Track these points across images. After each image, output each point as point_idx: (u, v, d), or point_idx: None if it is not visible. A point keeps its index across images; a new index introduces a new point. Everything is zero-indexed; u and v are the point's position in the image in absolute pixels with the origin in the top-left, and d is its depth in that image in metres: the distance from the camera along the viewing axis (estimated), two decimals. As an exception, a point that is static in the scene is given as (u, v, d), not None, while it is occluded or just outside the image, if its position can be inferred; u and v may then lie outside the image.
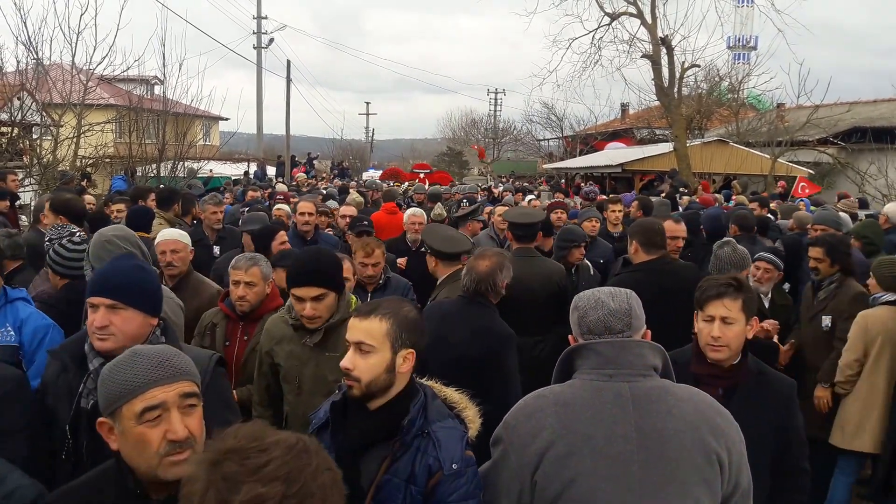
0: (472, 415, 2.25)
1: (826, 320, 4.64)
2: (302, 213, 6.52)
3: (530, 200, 11.10)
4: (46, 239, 4.56)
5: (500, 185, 20.18)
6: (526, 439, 1.99)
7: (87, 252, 3.87)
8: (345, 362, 2.16)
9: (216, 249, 6.46)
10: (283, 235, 5.31)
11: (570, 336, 2.22)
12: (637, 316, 2.13)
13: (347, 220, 7.14)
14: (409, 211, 7.16)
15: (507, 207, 8.20)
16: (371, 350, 2.14)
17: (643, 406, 1.97)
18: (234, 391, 3.32)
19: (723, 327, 2.67)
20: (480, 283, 3.80)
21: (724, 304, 2.69)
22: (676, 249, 5.26)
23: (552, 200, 11.19)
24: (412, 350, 2.19)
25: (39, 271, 4.27)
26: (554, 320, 4.79)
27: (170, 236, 4.56)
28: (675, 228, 5.33)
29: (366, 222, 6.27)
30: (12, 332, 3.09)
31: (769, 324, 4.45)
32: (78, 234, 4.40)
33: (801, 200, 11.33)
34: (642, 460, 1.91)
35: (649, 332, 2.18)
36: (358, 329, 2.18)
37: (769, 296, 5.08)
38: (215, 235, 6.77)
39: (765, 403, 2.64)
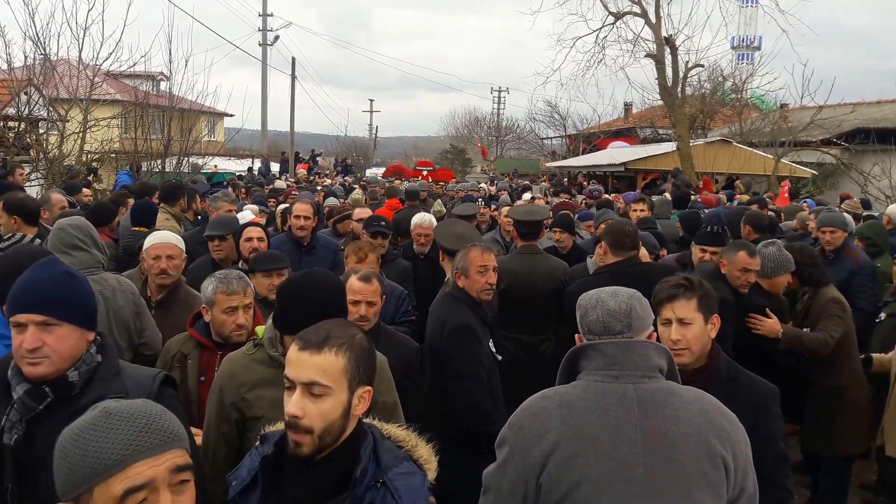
0: (426, 454, 1.89)
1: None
2: (297, 216, 5.73)
3: (533, 198, 11.03)
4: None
5: (497, 183, 20.10)
6: (531, 440, 1.97)
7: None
8: (292, 409, 1.71)
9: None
10: (253, 230, 4.75)
11: (576, 336, 2.20)
12: (639, 317, 2.10)
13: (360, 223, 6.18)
14: (416, 220, 6.29)
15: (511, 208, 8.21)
16: (325, 392, 1.72)
17: (648, 408, 1.95)
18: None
19: (681, 329, 2.61)
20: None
21: (675, 308, 2.63)
22: (747, 284, 4.34)
23: (541, 196, 11.16)
24: (368, 388, 1.80)
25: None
26: (557, 318, 4.81)
27: (165, 239, 4.00)
28: (749, 262, 4.27)
29: (382, 223, 5.60)
30: None
31: None
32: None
33: (805, 201, 11.34)
34: (647, 464, 1.89)
35: (655, 333, 2.17)
36: (308, 366, 1.73)
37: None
38: None
39: (735, 409, 2.45)
